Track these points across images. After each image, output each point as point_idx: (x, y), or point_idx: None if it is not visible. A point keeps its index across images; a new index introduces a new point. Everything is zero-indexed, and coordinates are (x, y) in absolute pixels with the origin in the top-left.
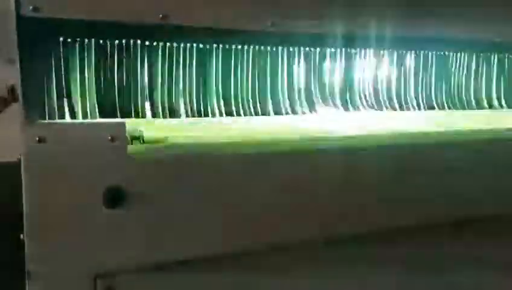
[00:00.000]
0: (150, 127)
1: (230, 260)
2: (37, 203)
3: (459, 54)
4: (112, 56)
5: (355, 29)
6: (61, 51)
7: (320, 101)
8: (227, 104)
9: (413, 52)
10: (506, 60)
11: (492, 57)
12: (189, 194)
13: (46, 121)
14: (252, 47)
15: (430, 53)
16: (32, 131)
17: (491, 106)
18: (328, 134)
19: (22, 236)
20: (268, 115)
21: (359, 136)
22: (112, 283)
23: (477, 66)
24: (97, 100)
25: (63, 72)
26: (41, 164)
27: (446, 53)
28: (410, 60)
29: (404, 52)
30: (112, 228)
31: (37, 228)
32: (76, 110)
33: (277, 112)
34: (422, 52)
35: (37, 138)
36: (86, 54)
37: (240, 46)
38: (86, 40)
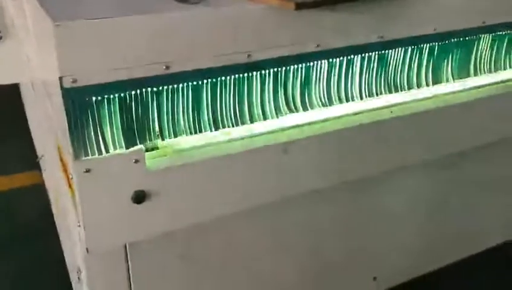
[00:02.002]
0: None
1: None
2: (90, 207)
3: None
4: (130, 103)
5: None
6: (94, 106)
7: (286, 108)
8: (215, 121)
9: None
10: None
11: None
12: (187, 190)
13: (89, 157)
14: (232, 76)
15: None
16: (80, 165)
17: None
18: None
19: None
20: (247, 124)
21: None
22: (136, 246)
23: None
24: (123, 134)
25: (97, 121)
26: (89, 186)
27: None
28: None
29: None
30: (139, 215)
31: (91, 219)
32: (109, 144)
33: (252, 121)
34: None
35: (84, 170)
36: (112, 105)
37: (223, 78)
38: (111, 96)
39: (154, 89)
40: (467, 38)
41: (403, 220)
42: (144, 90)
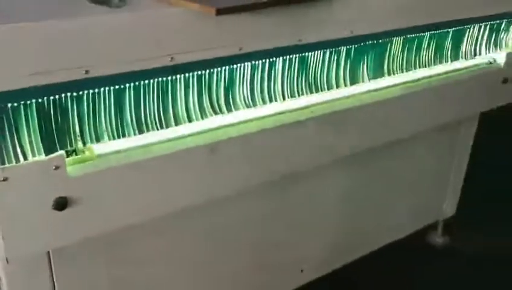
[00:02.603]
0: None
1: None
2: (8, 216)
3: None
4: (49, 109)
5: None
6: (10, 113)
7: (211, 110)
8: (139, 124)
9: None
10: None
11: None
12: (111, 195)
13: (6, 165)
14: (155, 80)
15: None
16: None
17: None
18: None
19: None
20: (172, 126)
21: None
22: (59, 252)
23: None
24: (42, 141)
25: (13, 128)
26: (7, 195)
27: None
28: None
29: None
30: (61, 222)
31: (10, 228)
32: (27, 151)
33: (177, 124)
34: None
35: (1, 178)
36: (29, 112)
37: (146, 81)
38: (28, 102)
39: (74, 94)
40: (380, 40)
41: (326, 214)
42: (63, 95)
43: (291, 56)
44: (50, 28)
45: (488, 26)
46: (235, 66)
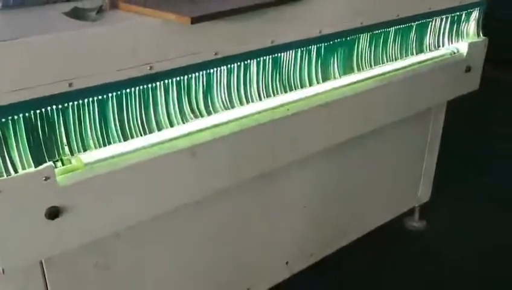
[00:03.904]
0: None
1: None
2: (2, 228)
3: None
4: (36, 122)
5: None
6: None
7: (191, 114)
8: (123, 132)
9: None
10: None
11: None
12: (101, 202)
13: None
14: (136, 88)
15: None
16: None
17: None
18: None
19: None
20: (154, 132)
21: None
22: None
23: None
24: (30, 153)
25: (2, 142)
26: (0, 207)
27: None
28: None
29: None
30: (54, 231)
31: (4, 240)
32: (17, 164)
33: (159, 129)
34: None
35: None
36: (17, 126)
37: (127, 90)
38: (15, 117)
39: (60, 106)
40: (348, 38)
41: (307, 206)
42: (48, 108)
43: (264, 58)
44: (32, 43)
45: (449, 19)
46: (211, 70)
